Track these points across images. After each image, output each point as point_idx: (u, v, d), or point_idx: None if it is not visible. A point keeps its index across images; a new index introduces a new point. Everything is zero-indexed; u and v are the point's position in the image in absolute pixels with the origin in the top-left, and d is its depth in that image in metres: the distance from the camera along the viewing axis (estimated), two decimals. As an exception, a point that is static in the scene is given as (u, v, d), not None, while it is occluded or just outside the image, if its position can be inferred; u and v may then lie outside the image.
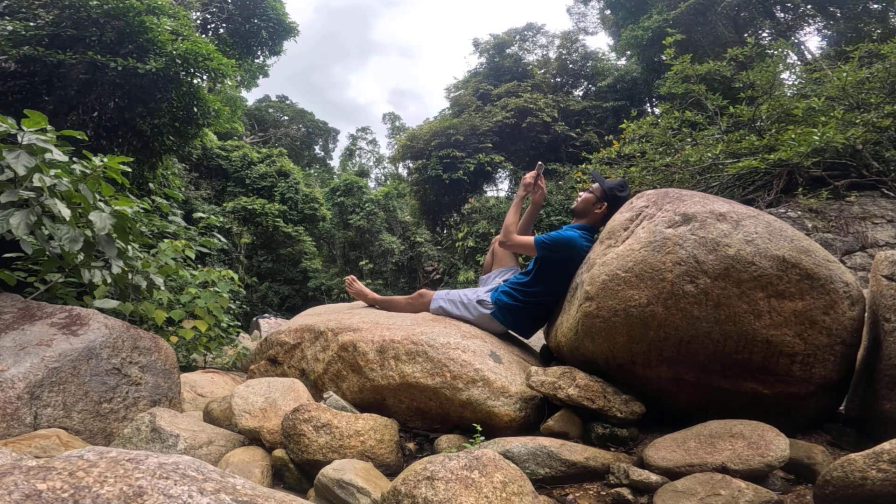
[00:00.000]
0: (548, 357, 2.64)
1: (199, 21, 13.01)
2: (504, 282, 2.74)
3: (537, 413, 2.04)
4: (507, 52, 21.15)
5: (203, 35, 11.49)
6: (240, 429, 1.99)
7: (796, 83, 8.28)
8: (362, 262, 18.95)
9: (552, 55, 21.36)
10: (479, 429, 1.88)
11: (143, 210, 3.39)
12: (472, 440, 1.84)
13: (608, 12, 19.62)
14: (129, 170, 2.98)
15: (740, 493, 1.37)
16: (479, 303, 2.62)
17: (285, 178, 17.79)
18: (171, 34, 6.58)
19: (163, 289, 3.49)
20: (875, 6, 13.08)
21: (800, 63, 11.24)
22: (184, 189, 13.30)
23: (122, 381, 2.17)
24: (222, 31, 13.44)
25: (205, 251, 5.59)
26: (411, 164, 20.17)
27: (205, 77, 7.05)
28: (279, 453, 1.82)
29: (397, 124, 34.09)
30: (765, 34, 14.57)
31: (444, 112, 22.08)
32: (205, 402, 2.60)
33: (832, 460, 1.54)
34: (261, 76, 16.84)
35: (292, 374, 2.56)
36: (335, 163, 35.51)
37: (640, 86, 17.58)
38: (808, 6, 13.97)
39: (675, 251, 1.80)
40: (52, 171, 2.38)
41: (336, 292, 17.26)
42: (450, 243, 19.03)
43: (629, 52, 17.13)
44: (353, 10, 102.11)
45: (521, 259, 3.20)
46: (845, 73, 6.13)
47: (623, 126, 8.40)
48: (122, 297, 3.11)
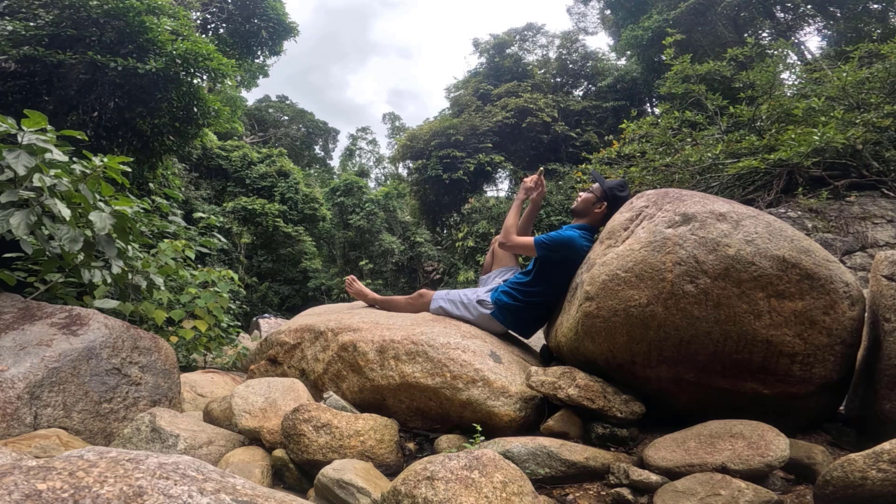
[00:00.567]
0: (548, 357, 2.64)
1: (199, 21, 13.00)
2: (504, 282, 2.74)
3: (537, 413, 2.04)
4: (507, 52, 21.17)
5: (203, 35, 11.47)
6: (240, 429, 1.99)
7: (796, 83, 8.28)
8: (362, 262, 18.94)
9: (552, 55, 21.39)
10: (479, 429, 1.88)
11: (143, 210, 3.39)
12: (472, 440, 1.83)
13: (608, 12, 19.64)
14: (129, 170, 2.98)
15: (740, 493, 1.37)
16: (479, 303, 2.62)
17: (285, 178, 17.80)
18: (171, 34, 6.58)
19: (163, 289, 3.49)
20: (875, 6, 13.10)
21: (800, 63, 11.23)
22: (184, 189, 13.32)
23: (122, 381, 2.17)
24: (222, 31, 13.43)
25: (205, 251, 5.58)
26: (411, 164, 20.19)
27: (205, 77, 7.05)
28: (279, 453, 1.82)
29: (397, 124, 34.15)
30: (765, 34, 14.59)
31: (444, 112, 22.12)
32: (205, 402, 2.60)
33: (832, 460, 1.54)
34: (261, 76, 16.83)
35: (292, 374, 2.55)
36: (335, 163, 35.59)
37: (640, 86, 17.59)
38: (808, 6, 13.98)
39: (675, 251, 1.80)
40: (52, 171, 2.38)
41: (336, 292, 17.26)
42: (450, 243, 19.02)
43: (629, 52, 17.14)
44: (352, 10, 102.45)
45: (521, 259, 3.20)
46: (845, 73, 6.13)
47: (623, 126, 8.40)
48: (122, 297, 3.11)
